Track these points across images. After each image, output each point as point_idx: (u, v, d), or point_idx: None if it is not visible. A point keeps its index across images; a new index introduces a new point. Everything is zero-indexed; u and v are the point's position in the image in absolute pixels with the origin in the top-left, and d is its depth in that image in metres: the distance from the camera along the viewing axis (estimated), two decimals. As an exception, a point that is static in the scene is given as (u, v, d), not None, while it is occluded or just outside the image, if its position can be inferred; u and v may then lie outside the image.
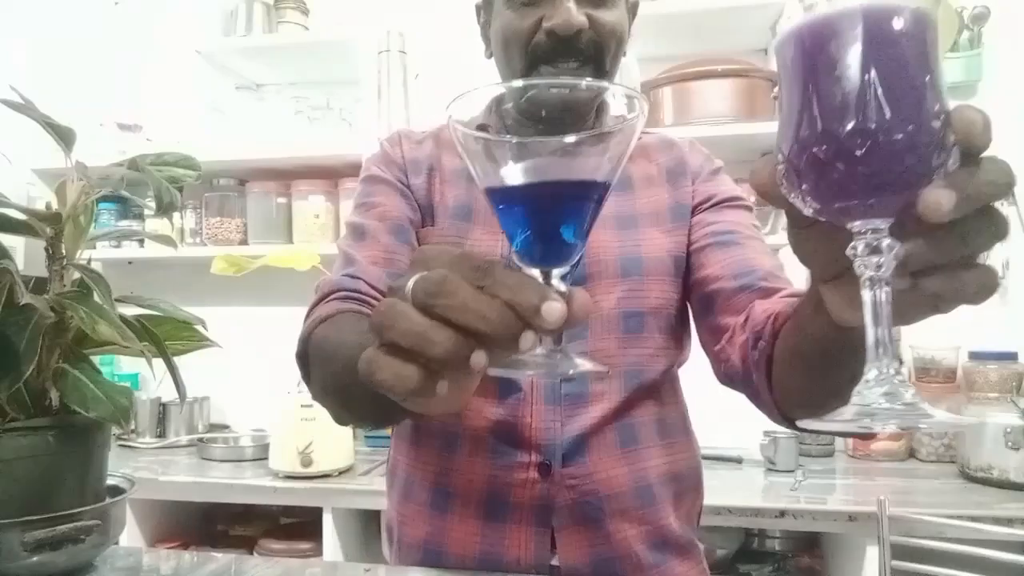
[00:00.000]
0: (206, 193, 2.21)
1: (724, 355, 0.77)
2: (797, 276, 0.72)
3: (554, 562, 0.80)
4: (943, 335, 1.90)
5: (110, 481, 0.72)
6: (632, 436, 0.82)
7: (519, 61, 0.81)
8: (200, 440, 2.06)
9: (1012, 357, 1.79)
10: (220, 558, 0.77)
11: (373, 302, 0.76)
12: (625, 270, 0.83)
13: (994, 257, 1.89)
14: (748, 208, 0.88)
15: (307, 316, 0.75)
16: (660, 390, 0.86)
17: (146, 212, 2.22)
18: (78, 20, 2.38)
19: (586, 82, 0.68)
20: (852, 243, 0.39)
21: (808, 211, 0.40)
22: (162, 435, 2.14)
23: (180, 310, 0.71)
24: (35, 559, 0.60)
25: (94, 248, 0.70)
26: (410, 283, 0.36)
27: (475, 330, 0.35)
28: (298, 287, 1.95)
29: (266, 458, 1.81)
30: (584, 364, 0.41)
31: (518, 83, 0.50)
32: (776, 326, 0.66)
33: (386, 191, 0.87)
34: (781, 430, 1.81)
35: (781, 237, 1.69)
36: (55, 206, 0.66)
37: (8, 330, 0.60)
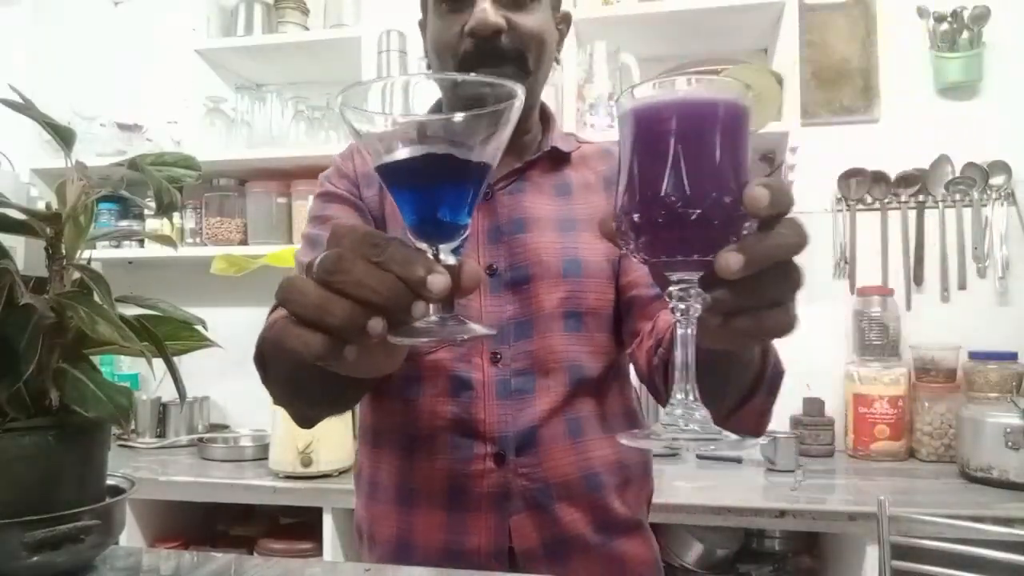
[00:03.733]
0: (206, 193, 2.21)
1: (634, 358, 0.86)
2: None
3: (511, 545, 0.84)
4: (943, 335, 1.90)
5: (110, 481, 0.72)
6: (579, 428, 0.87)
7: (451, 69, 0.84)
8: (200, 440, 2.06)
9: (1012, 357, 1.79)
10: (220, 558, 0.77)
11: None
12: (567, 271, 0.87)
13: (994, 257, 1.90)
14: None
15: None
16: (602, 386, 0.90)
17: (146, 212, 2.22)
18: (78, 20, 2.38)
19: (462, 76, 0.58)
20: (668, 288, 0.46)
21: (639, 261, 0.47)
22: (162, 435, 2.14)
23: (180, 310, 0.71)
24: (35, 559, 0.60)
25: (94, 248, 0.69)
26: (316, 260, 0.42)
27: (369, 301, 0.40)
28: (298, 287, 1.95)
29: (266, 458, 1.81)
30: (472, 328, 0.45)
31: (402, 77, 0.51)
32: (673, 335, 0.70)
33: (340, 205, 0.90)
34: (780, 430, 1.82)
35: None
36: (55, 206, 0.66)
37: (8, 330, 0.60)
